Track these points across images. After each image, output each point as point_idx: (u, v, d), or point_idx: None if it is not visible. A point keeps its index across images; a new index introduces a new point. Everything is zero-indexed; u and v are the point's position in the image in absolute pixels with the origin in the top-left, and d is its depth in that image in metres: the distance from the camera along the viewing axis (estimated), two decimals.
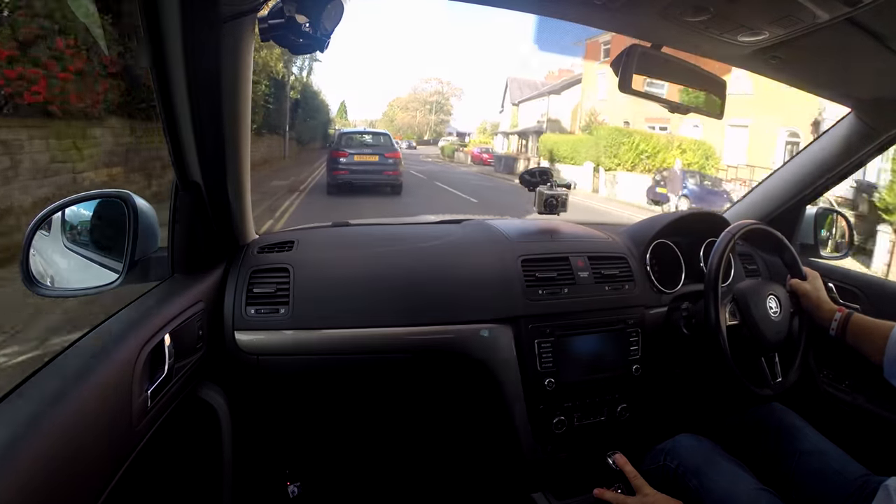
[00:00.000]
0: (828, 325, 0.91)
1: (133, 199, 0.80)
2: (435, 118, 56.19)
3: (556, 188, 1.14)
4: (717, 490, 0.79)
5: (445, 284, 1.00)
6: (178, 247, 0.84)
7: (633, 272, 1.10)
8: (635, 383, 1.06)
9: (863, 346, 0.85)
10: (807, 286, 0.98)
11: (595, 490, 0.86)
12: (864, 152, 1.16)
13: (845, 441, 0.89)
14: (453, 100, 57.49)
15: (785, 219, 1.33)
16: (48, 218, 0.78)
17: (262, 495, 1.13)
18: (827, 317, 0.92)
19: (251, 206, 1.01)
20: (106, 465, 0.54)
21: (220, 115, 0.77)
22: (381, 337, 0.95)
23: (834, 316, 0.91)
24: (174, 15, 0.61)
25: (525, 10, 0.80)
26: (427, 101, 56.42)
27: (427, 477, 1.27)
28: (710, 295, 0.93)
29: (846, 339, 0.88)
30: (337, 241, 1.08)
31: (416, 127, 54.28)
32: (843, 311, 0.90)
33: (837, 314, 0.91)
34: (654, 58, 0.85)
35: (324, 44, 0.67)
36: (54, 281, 0.83)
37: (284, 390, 1.02)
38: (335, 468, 1.23)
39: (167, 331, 0.69)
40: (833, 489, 0.81)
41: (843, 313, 0.90)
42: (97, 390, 0.55)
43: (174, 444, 0.75)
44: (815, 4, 0.65)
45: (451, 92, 57.46)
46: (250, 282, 0.94)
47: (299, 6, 0.63)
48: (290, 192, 9.50)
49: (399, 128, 50.51)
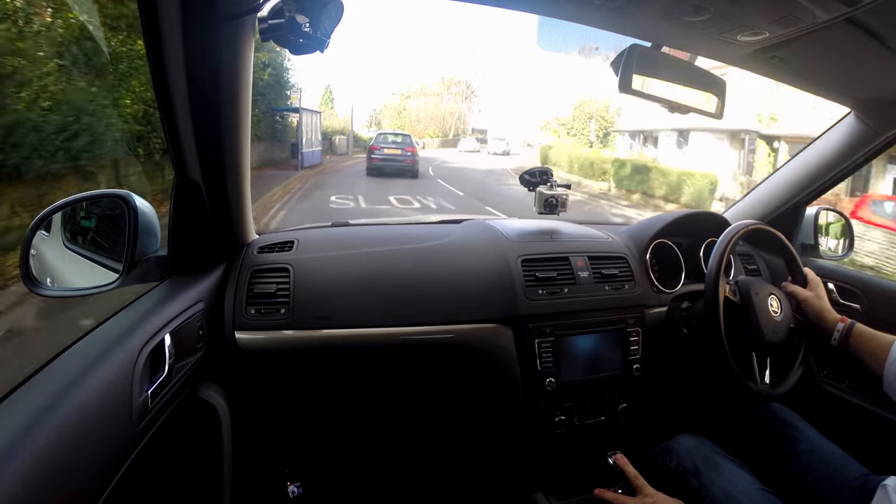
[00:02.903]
0: (830, 333, 0.89)
1: (133, 199, 0.80)
2: (466, 105, 40.35)
3: (556, 188, 1.14)
4: (716, 490, 0.79)
5: (446, 284, 1.00)
6: (178, 247, 0.84)
7: (634, 272, 1.10)
8: (635, 383, 1.06)
9: (864, 357, 0.83)
10: (808, 292, 0.96)
11: (595, 490, 0.86)
12: (863, 152, 1.16)
13: (845, 441, 0.89)
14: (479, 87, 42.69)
15: (785, 219, 1.33)
16: (48, 218, 0.78)
17: (262, 495, 1.13)
18: (829, 325, 0.90)
19: (251, 205, 1.01)
20: (106, 464, 0.54)
21: (220, 115, 0.77)
22: (382, 337, 0.95)
23: (836, 325, 0.89)
24: (174, 15, 0.61)
25: (525, 10, 0.80)
26: (453, 83, 40.64)
27: (427, 477, 1.27)
28: (710, 295, 0.93)
29: (848, 349, 0.86)
30: (337, 241, 1.08)
31: (439, 119, 38.53)
32: (846, 321, 0.89)
33: (840, 324, 0.89)
34: (654, 58, 0.85)
35: (324, 44, 0.67)
36: (54, 281, 0.83)
37: (285, 390, 1.02)
38: (335, 468, 1.23)
39: (167, 331, 0.69)
40: (833, 489, 0.81)
41: (845, 323, 0.88)
42: (98, 390, 0.55)
43: (174, 443, 0.75)
44: (815, 4, 0.65)
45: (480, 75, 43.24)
46: (250, 281, 0.94)
47: (299, 6, 0.63)
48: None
49: (410, 122, 36.64)
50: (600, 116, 24.49)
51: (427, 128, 37.20)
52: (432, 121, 38.19)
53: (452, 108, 39.72)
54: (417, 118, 37.65)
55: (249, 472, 1.01)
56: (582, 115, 25.55)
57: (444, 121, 38.79)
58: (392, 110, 38.98)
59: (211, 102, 0.74)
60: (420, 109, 38.33)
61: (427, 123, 37.62)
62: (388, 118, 37.43)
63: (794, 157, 1.32)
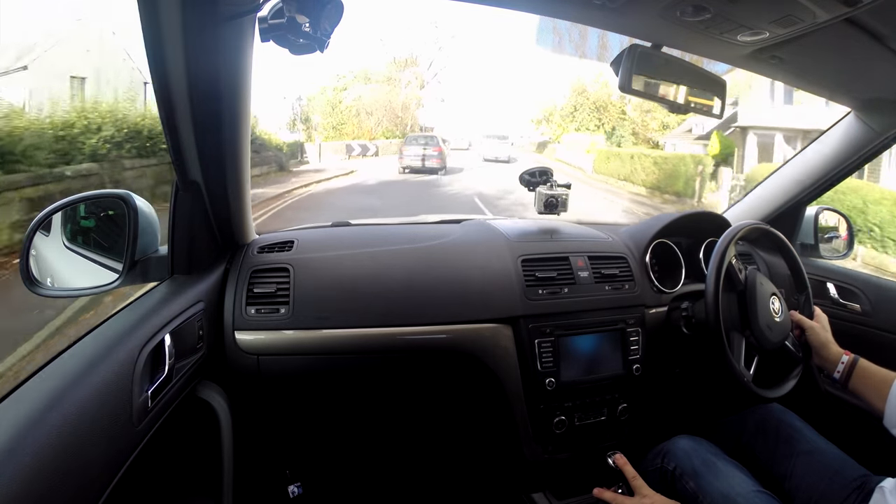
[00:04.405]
0: (832, 367, 0.88)
1: (133, 199, 0.80)
2: (417, 99, 26.53)
3: (556, 188, 1.14)
4: (714, 492, 0.79)
5: (445, 284, 1.00)
6: (178, 247, 0.84)
7: (633, 272, 1.10)
8: (636, 383, 1.06)
9: (867, 392, 0.83)
10: (814, 322, 0.95)
11: (594, 490, 0.86)
12: (863, 152, 1.16)
13: (844, 441, 0.89)
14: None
15: (785, 219, 1.33)
16: (48, 218, 0.78)
17: (262, 495, 1.13)
18: (833, 359, 0.88)
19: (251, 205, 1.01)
20: (107, 464, 0.54)
21: (220, 115, 0.77)
22: (382, 337, 0.95)
23: (840, 359, 0.87)
24: (174, 15, 0.61)
25: (525, 9, 0.80)
26: (411, 62, 27.12)
27: (427, 477, 1.27)
28: (710, 295, 0.92)
29: (849, 383, 0.85)
30: (337, 241, 1.08)
31: (393, 113, 25.03)
32: (850, 355, 0.87)
33: (844, 357, 0.87)
34: (654, 58, 0.85)
35: (324, 44, 0.67)
36: (54, 281, 0.83)
37: (284, 390, 1.02)
38: (335, 468, 1.23)
39: (167, 331, 0.69)
40: (831, 489, 0.81)
41: (850, 357, 0.87)
42: (98, 390, 0.55)
43: (174, 444, 0.75)
44: (814, 4, 0.65)
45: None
46: (250, 282, 0.94)
47: (299, 6, 0.63)
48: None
49: (352, 118, 24.26)
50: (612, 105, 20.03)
51: (379, 124, 24.48)
52: (386, 114, 24.75)
53: (413, 97, 26.46)
54: (366, 111, 24.35)
55: (249, 472, 1.01)
56: (587, 105, 20.99)
57: (401, 115, 25.50)
58: (325, 104, 24.57)
59: (211, 102, 0.74)
60: (367, 100, 24.50)
61: (379, 118, 24.57)
62: (322, 113, 24.23)
63: (794, 156, 1.32)
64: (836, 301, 1.21)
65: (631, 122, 20.01)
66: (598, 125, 21.17)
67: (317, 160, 17.05)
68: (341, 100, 25.13)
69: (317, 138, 20.42)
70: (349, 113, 24.70)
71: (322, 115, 24.46)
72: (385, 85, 26.00)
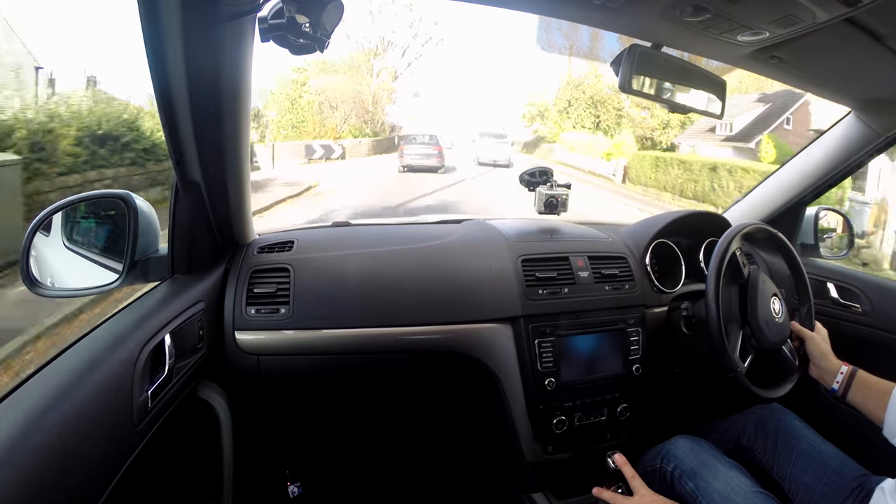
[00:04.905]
0: (831, 379, 0.88)
1: (133, 199, 0.80)
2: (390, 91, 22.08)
3: (556, 188, 1.14)
4: (713, 493, 0.79)
5: (445, 284, 1.00)
6: (178, 247, 0.84)
7: (633, 272, 1.10)
8: (636, 383, 1.06)
9: (866, 403, 0.83)
10: (814, 334, 0.95)
11: (594, 489, 0.86)
12: (863, 152, 1.16)
13: (844, 442, 0.89)
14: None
15: (785, 219, 1.33)
16: (48, 218, 0.78)
17: (262, 495, 1.13)
18: (831, 370, 0.89)
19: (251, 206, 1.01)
20: (107, 464, 0.54)
21: (221, 115, 0.77)
22: (382, 337, 0.95)
23: (840, 369, 0.88)
24: (174, 15, 0.61)
25: (525, 9, 0.80)
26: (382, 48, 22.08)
27: (427, 476, 1.27)
28: (710, 295, 0.92)
29: (848, 395, 0.85)
30: (337, 241, 1.08)
31: (362, 107, 20.96)
32: (849, 367, 0.87)
33: (843, 367, 0.87)
34: (654, 58, 0.85)
35: (324, 44, 0.67)
36: (54, 281, 0.83)
37: (285, 390, 1.02)
38: (335, 468, 1.23)
39: (167, 331, 0.69)
40: (830, 490, 0.81)
41: (848, 368, 0.87)
42: (98, 390, 0.55)
43: (174, 443, 0.75)
44: (814, 4, 0.65)
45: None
46: (250, 282, 0.94)
47: (299, 6, 0.63)
48: None
49: (314, 115, 19.48)
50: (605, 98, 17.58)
51: (346, 120, 20.31)
52: (354, 108, 20.62)
53: (386, 88, 21.94)
54: (330, 105, 20.07)
55: (249, 472, 1.01)
56: (583, 100, 18.82)
57: (371, 110, 21.19)
58: (284, 98, 19.31)
59: (211, 102, 0.74)
60: (332, 92, 19.96)
61: (346, 113, 20.39)
62: (279, 109, 19.46)
63: (794, 156, 1.32)
64: (837, 301, 1.21)
65: (629, 118, 18.32)
66: (596, 123, 19.10)
67: (269, 166, 13.44)
68: (301, 94, 19.73)
69: (269, 139, 16.64)
70: (310, 109, 19.74)
71: (278, 111, 19.63)
72: (353, 74, 21.19)
